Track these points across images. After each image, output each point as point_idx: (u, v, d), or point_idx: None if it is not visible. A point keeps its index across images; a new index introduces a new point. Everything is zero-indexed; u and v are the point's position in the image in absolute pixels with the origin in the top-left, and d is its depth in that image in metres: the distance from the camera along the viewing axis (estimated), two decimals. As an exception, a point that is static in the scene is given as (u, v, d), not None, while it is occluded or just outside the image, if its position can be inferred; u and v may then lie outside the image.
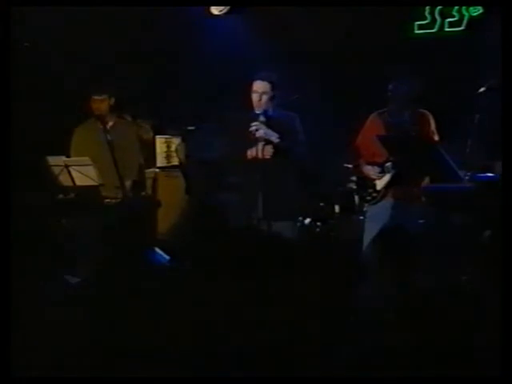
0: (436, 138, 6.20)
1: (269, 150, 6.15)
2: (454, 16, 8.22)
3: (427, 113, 6.23)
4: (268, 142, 6.17)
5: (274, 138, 6.16)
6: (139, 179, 7.52)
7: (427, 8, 8.28)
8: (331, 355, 2.97)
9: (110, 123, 7.37)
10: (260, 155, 6.13)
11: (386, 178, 6.20)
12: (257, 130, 6.15)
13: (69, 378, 3.02)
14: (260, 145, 6.14)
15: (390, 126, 6.22)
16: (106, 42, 8.78)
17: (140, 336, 3.13)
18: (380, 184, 6.24)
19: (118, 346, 3.12)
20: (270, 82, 6.22)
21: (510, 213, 4.29)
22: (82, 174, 6.99)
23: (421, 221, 6.23)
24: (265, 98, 6.20)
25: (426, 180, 6.20)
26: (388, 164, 6.17)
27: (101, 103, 7.33)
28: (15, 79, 5.81)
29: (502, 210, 4.44)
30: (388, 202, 6.21)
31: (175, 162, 8.84)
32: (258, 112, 6.21)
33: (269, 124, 6.19)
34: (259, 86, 6.23)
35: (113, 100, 7.36)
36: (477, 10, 8.13)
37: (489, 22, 7.64)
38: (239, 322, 3.07)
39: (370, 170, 6.28)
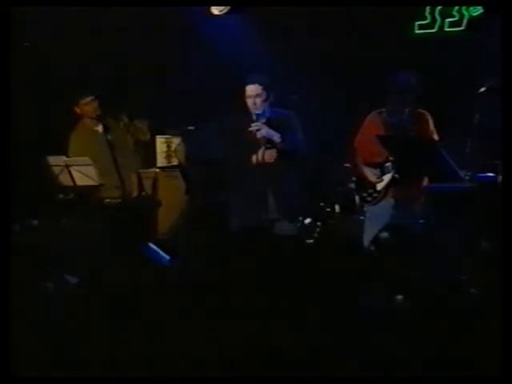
0: (435, 137, 6.20)
1: (272, 154, 6.18)
2: (454, 16, 8.21)
3: (426, 113, 6.23)
4: (269, 142, 6.18)
5: (276, 137, 6.19)
6: (138, 179, 7.52)
7: (427, 8, 8.27)
8: (331, 353, 2.98)
9: (107, 124, 7.37)
10: (262, 159, 6.15)
11: (386, 178, 6.19)
12: (258, 131, 6.16)
13: (69, 378, 3.02)
14: (262, 148, 6.16)
15: (388, 126, 6.22)
16: (106, 42, 8.78)
17: (140, 335, 3.13)
18: (380, 184, 6.24)
19: (118, 345, 3.12)
20: (262, 84, 6.26)
21: (510, 213, 4.28)
22: (83, 173, 6.99)
23: (421, 221, 6.23)
24: (259, 100, 6.24)
25: (426, 180, 6.20)
26: (388, 164, 6.16)
27: (91, 105, 7.34)
28: (15, 79, 5.81)
29: (502, 210, 4.44)
30: (388, 202, 6.21)
31: (175, 162, 8.82)
32: (257, 112, 6.23)
33: (268, 124, 6.21)
34: (252, 90, 6.28)
35: (104, 101, 7.36)
36: (477, 10, 8.12)
37: (489, 22, 7.63)
38: (238, 320, 3.08)
39: (369, 173, 6.27)
